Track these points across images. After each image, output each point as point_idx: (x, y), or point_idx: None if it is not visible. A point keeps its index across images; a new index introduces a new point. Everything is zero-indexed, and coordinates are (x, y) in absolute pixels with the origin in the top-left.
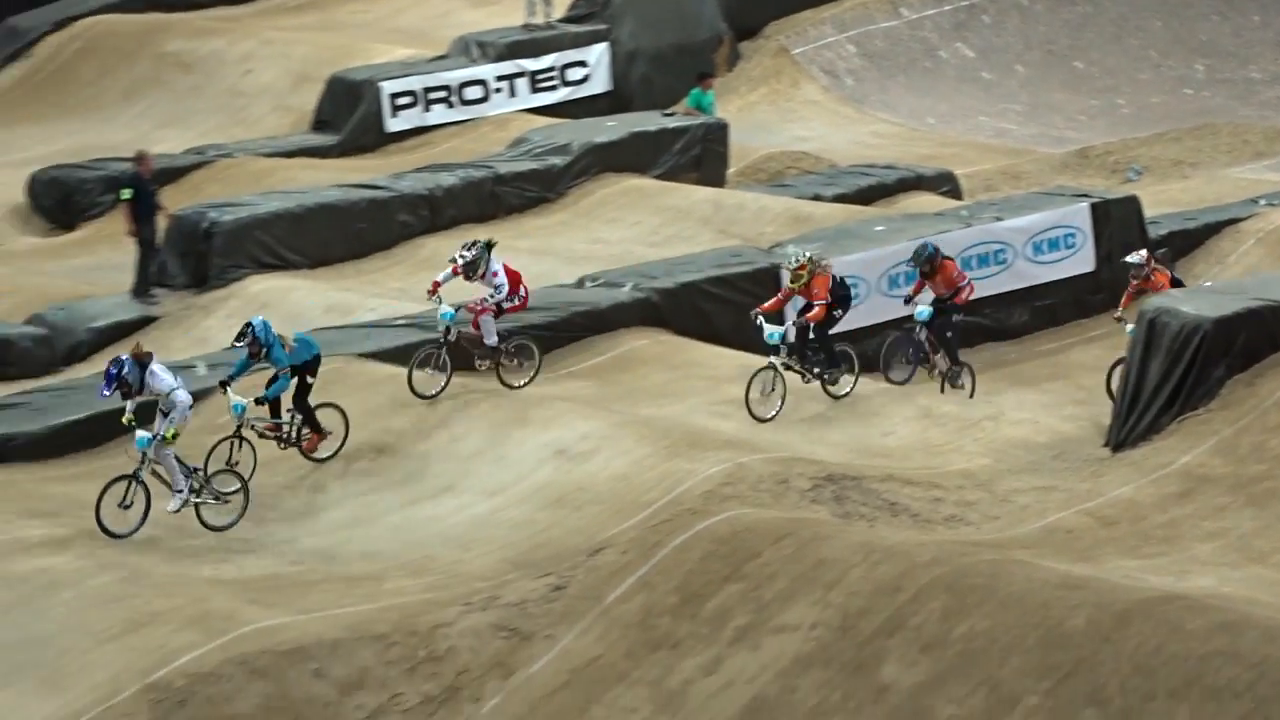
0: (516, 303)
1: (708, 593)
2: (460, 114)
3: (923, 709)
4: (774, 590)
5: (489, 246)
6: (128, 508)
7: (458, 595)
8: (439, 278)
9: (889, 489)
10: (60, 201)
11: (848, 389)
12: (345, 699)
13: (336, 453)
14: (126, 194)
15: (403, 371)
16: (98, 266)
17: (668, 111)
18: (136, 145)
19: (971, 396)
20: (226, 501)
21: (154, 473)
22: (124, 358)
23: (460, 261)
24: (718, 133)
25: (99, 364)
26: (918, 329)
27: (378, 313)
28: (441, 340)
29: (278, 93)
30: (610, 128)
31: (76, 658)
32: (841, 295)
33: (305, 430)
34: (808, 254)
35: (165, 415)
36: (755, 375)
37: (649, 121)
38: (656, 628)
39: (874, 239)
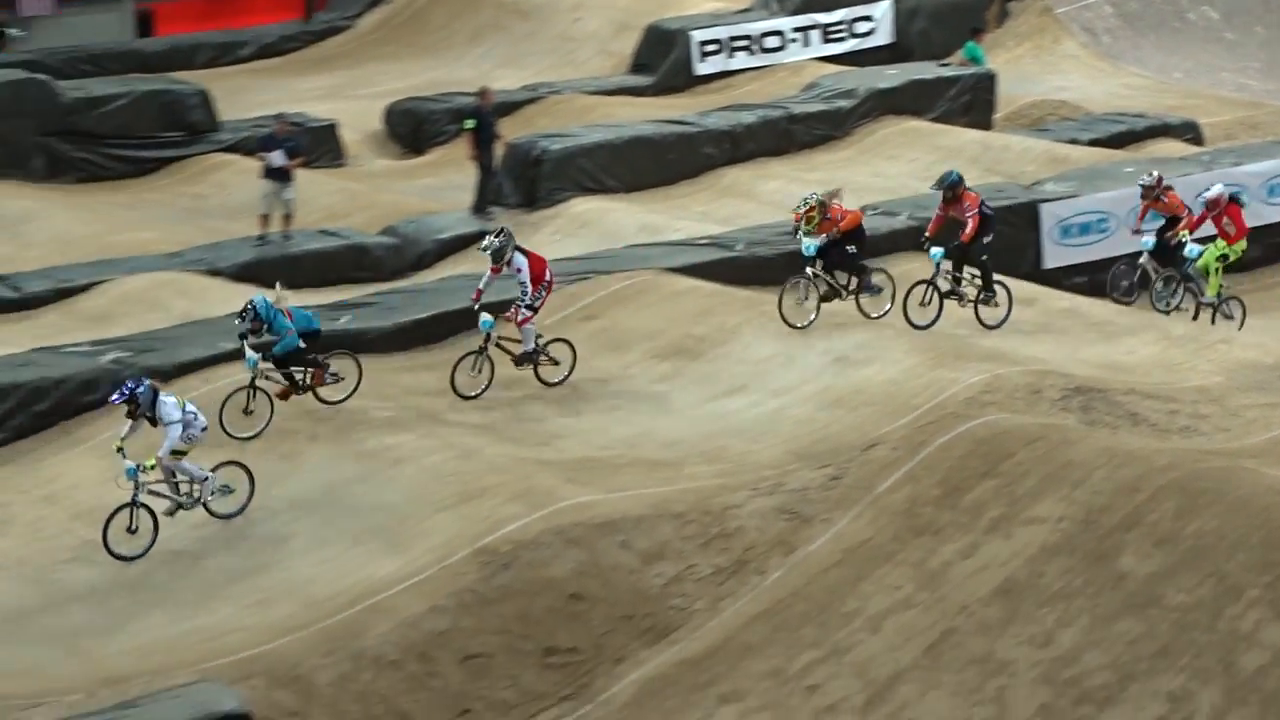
0: (544, 294)
1: (966, 487)
2: (760, 61)
3: (1156, 596)
4: (1025, 487)
5: (511, 236)
6: (134, 532)
7: (747, 481)
8: (480, 285)
9: (1130, 401)
10: (412, 129)
11: (884, 309)
12: (647, 567)
13: (348, 397)
14: (469, 124)
15: (704, 285)
16: (443, 186)
17: (943, 62)
18: (479, 82)
19: (1004, 320)
20: (231, 491)
21: (151, 492)
22: (143, 379)
23: (491, 247)
24: (986, 82)
25: (442, 270)
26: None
27: (683, 233)
28: (481, 346)
29: (602, 39)
30: (892, 75)
31: (417, 523)
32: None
33: (310, 373)
34: (816, 196)
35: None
36: (788, 285)
37: (926, 71)
38: (920, 516)
39: (1123, 179)
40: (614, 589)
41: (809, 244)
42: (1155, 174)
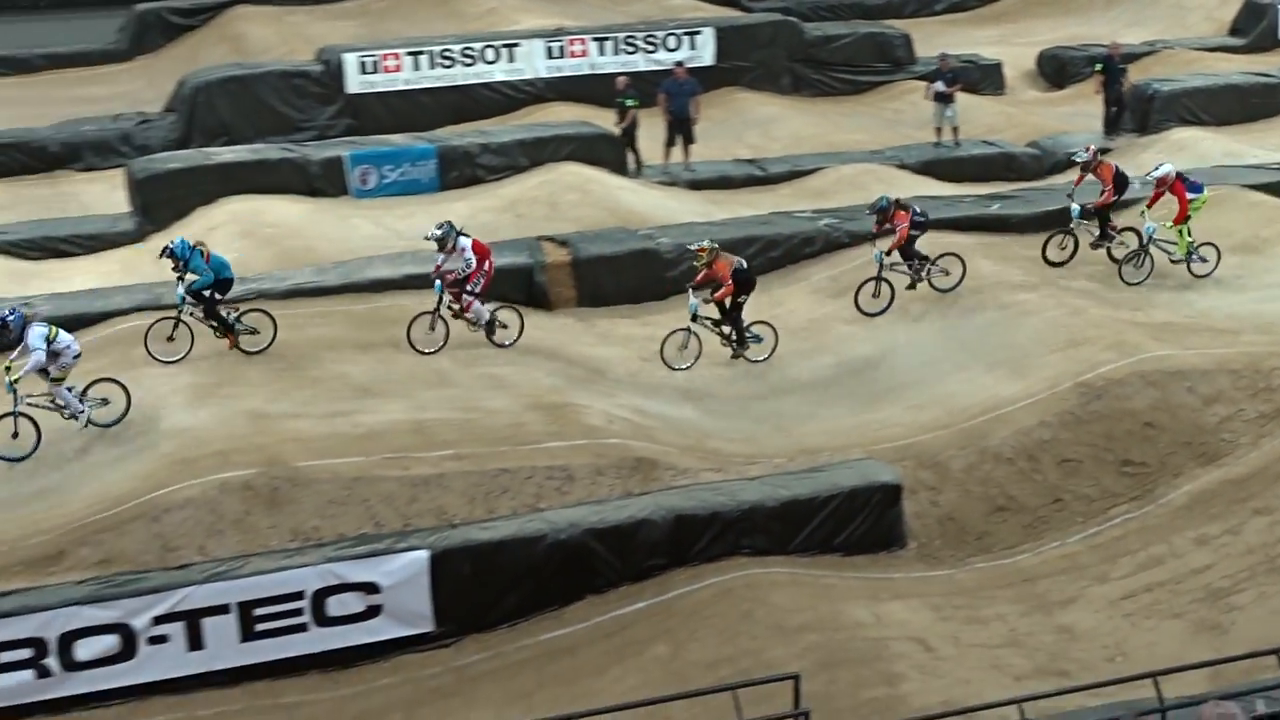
0: (483, 281)
1: None
2: None
3: None
4: None
5: (453, 226)
6: (16, 437)
7: None
8: (438, 260)
9: None
10: (1056, 70)
11: (763, 356)
12: (1206, 408)
13: (264, 350)
14: (1099, 68)
15: (1271, 199)
16: (1075, 114)
17: None
18: (1110, 37)
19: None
20: (108, 403)
21: (31, 405)
22: (17, 310)
23: (435, 236)
24: None
25: (1071, 176)
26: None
27: (1258, 159)
28: (435, 308)
29: (1208, 7)
30: None
31: (1035, 360)
32: (743, 279)
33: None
34: (707, 242)
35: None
36: (669, 335)
37: None
38: None
39: None
40: (1178, 421)
41: (692, 302)
42: (1091, 148)
